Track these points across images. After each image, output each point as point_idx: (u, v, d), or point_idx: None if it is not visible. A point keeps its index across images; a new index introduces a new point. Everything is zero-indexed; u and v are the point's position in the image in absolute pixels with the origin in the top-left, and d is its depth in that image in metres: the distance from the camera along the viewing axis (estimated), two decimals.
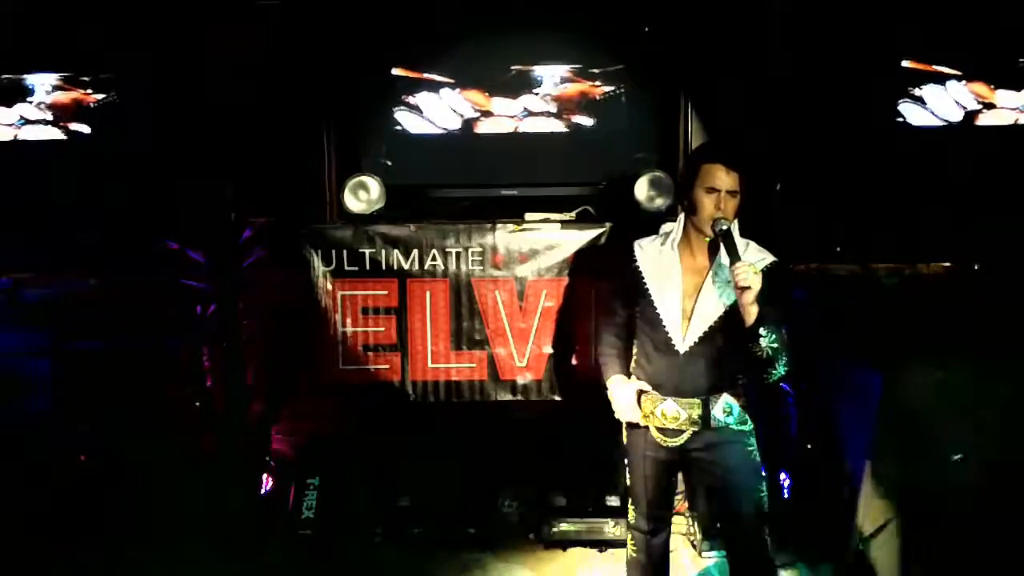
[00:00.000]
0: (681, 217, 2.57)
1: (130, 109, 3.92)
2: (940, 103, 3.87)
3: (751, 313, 2.32)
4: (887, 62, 3.85)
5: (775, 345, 2.33)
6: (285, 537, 3.50)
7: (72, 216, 3.76)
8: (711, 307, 2.47)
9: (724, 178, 2.41)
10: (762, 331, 2.32)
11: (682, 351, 2.48)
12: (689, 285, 2.51)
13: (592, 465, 3.64)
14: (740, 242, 2.42)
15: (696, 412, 2.49)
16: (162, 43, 3.79)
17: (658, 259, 2.56)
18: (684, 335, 2.48)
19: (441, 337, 3.62)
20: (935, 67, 3.84)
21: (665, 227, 2.65)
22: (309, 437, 3.73)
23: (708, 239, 2.48)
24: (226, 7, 3.77)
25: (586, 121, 3.90)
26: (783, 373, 2.39)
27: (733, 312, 2.41)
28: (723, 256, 2.43)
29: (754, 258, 2.45)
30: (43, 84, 3.91)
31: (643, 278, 2.55)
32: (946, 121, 3.88)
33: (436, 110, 3.91)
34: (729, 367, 2.49)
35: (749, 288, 2.28)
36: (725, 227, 2.38)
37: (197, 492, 3.80)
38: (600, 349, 2.73)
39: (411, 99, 3.90)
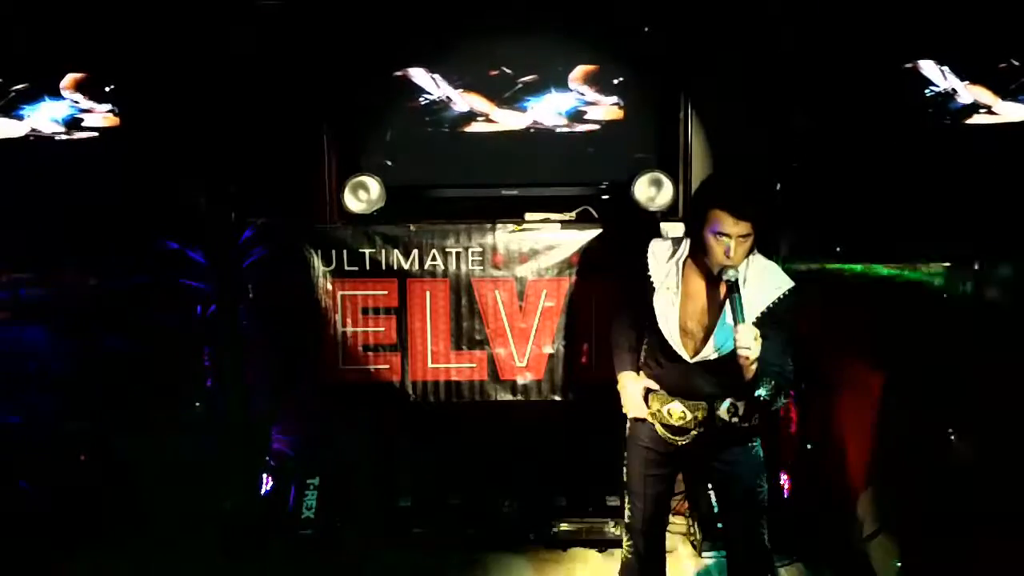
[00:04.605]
0: (687, 242, 2.55)
1: (130, 109, 3.91)
2: (943, 103, 3.87)
3: (749, 371, 2.31)
4: (889, 62, 3.84)
5: (772, 392, 2.32)
6: (285, 537, 3.50)
7: (72, 216, 3.76)
8: (723, 340, 2.43)
9: (733, 227, 2.33)
10: (761, 384, 2.31)
11: (690, 362, 2.49)
12: (688, 306, 2.49)
13: (592, 465, 3.65)
14: (759, 266, 2.42)
15: (702, 413, 2.50)
16: (162, 44, 3.79)
17: (664, 276, 2.54)
18: (687, 351, 2.49)
19: (441, 337, 3.62)
20: (939, 68, 3.84)
21: (672, 229, 2.63)
22: (309, 437, 3.73)
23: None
24: (226, 7, 3.77)
25: (586, 122, 3.89)
26: (783, 404, 2.40)
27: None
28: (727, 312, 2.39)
29: (770, 287, 2.42)
30: (44, 89, 3.91)
31: (653, 290, 2.54)
32: (948, 121, 3.87)
33: (436, 110, 3.90)
34: (736, 376, 2.46)
35: (748, 355, 2.26)
36: (733, 279, 2.33)
37: (197, 492, 3.81)
38: (614, 339, 2.72)
39: (411, 99, 3.89)
